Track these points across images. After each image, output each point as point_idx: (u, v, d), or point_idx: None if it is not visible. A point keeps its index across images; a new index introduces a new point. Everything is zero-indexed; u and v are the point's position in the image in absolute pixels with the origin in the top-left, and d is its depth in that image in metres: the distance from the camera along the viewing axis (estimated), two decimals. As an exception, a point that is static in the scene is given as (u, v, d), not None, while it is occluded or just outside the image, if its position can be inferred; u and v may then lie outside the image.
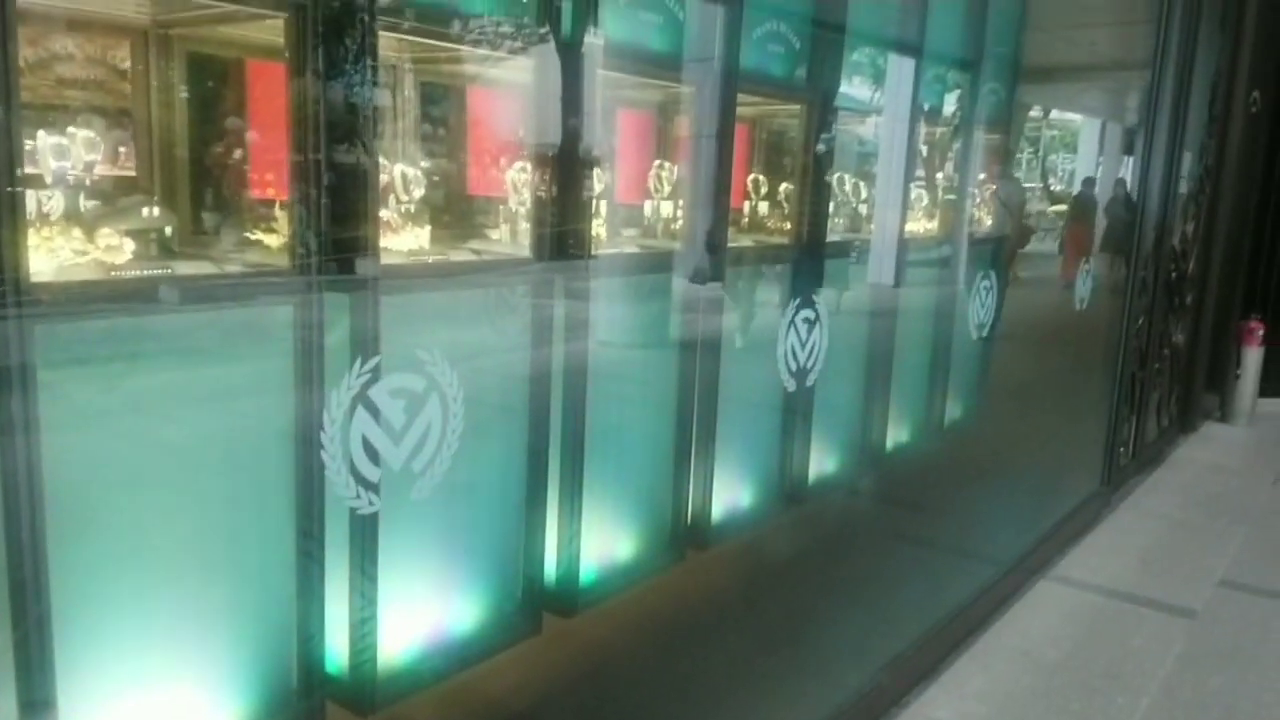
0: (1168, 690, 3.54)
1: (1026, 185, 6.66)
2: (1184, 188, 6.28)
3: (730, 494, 3.61)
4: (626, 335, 3.31)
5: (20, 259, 1.62)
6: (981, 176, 5.10)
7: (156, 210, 2.08)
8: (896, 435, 4.61)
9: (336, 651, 2.18)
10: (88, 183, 1.97)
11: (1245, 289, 7.65)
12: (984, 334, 4.58)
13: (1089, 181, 6.73)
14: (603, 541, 3.07)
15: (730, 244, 3.49)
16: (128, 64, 2.13)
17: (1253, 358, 7.32)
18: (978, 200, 5.08)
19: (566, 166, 2.72)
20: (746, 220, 3.92)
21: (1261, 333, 7.30)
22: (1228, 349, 7.37)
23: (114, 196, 2.08)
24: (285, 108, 2.01)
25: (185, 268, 2.02)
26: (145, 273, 1.93)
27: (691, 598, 3.27)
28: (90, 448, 1.79)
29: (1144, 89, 5.44)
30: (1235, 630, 4.05)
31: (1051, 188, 8.15)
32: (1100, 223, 6.52)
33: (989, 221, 5.16)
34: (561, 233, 2.75)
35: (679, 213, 3.45)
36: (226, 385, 1.99)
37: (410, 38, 2.48)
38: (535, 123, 2.77)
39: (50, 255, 1.82)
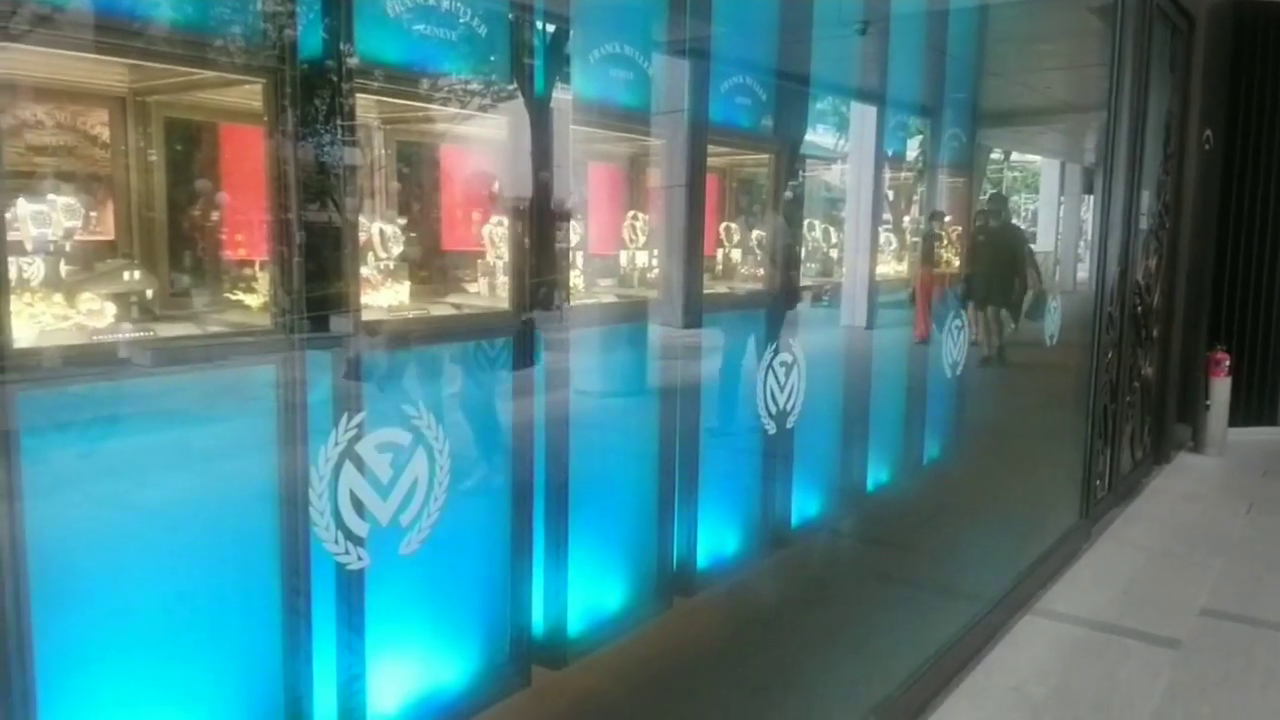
0: (1157, 721, 3.55)
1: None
2: (1144, 224, 6.43)
3: (715, 539, 3.61)
4: (606, 383, 3.33)
5: (3, 326, 1.62)
6: (948, 219, 5.20)
7: (137, 274, 2.09)
8: (877, 475, 4.64)
9: (325, 711, 2.15)
10: (68, 248, 1.98)
11: (1210, 321, 7.81)
12: (958, 372, 4.64)
13: (937, 216, 5.44)
14: (590, 592, 3.06)
15: (705, 290, 3.54)
16: (107, 131, 2.16)
17: (1221, 388, 7.44)
18: (945, 242, 5.19)
19: (541, 220, 2.76)
20: (720, 267, 3.98)
21: (1227, 364, 7.43)
22: (1197, 380, 7.49)
23: (94, 261, 2.09)
24: (262, 170, 2.03)
25: (167, 330, 2.02)
26: (127, 336, 1.94)
27: (680, 645, 3.25)
28: (74, 513, 1.78)
29: (1100, 130, 5.59)
30: (1220, 659, 4.07)
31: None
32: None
33: (956, 263, 5.26)
34: (539, 285, 2.78)
35: (654, 262, 3.50)
36: (211, 445, 1.99)
37: (383, 98, 2.52)
38: (509, 178, 2.81)
39: (32, 321, 1.83)
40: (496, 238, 2.81)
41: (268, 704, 2.07)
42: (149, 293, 2.10)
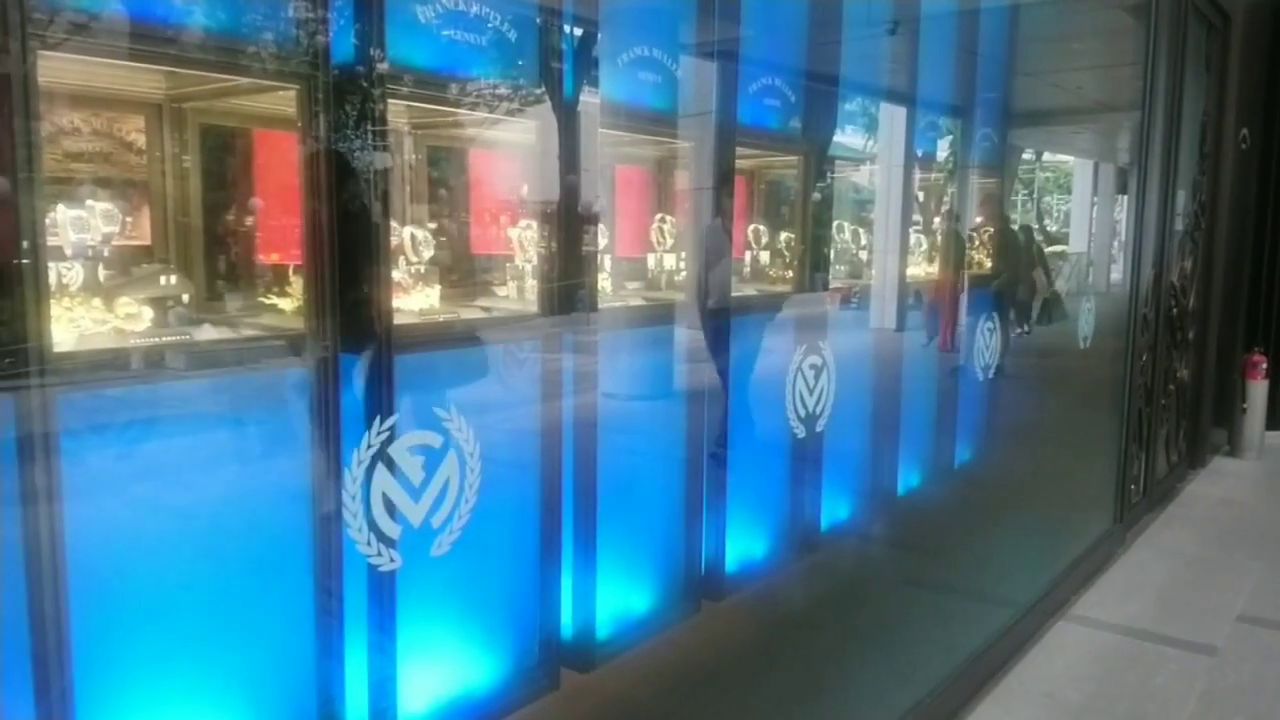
0: (1193, 729, 3.50)
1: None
2: (1179, 225, 6.34)
3: (744, 543, 3.60)
4: (634, 387, 3.33)
5: (43, 330, 1.65)
6: (979, 220, 5.16)
7: (173, 278, 2.12)
8: (907, 478, 4.61)
9: (356, 712, 2.17)
10: (105, 253, 2.01)
11: (1246, 323, 7.69)
12: (989, 375, 4.60)
13: (951, 217, 4.96)
14: (618, 595, 3.06)
15: (734, 294, 3.53)
16: (143, 137, 2.19)
17: (1258, 391, 7.32)
18: (975, 243, 5.14)
19: (569, 223, 2.77)
20: (749, 270, 3.97)
21: (1265, 366, 7.31)
22: (1233, 383, 7.37)
23: (131, 266, 2.12)
24: (295, 175, 2.05)
25: (202, 333, 2.05)
26: (163, 340, 1.97)
27: (708, 649, 3.24)
28: (111, 514, 1.81)
29: (1134, 130, 5.52)
30: (1257, 666, 4.00)
31: (1047, 228, 8.23)
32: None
33: (988, 264, 5.21)
34: (567, 288, 2.79)
35: (682, 265, 3.50)
36: (246, 448, 2.01)
37: (414, 103, 2.54)
38: (537, 181, 2.82)
39: (71, 325, 1.86)
40: (525, 241, 2.83)
41: (300, 704, 2.09)
42: (185, 297, 2.13)
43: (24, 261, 1.61)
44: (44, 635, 1.65)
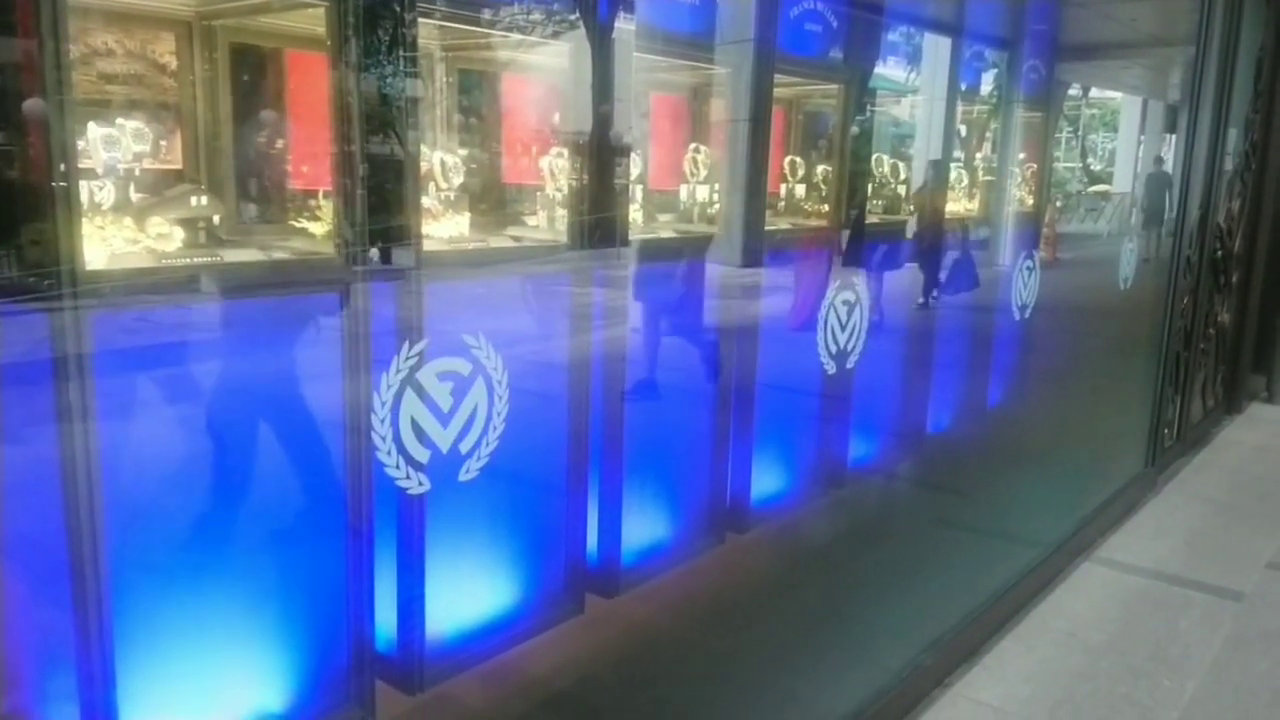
0: (1215, 673, 3.50)
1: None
2: (1229, 165, 6.15)
3: (770, 477, 3.61)
4: (663, 320, 3.31)
5: (76, 248, 1.66)
6: (1021, 156, 5.03)
7: (204, 199, 2.12)
8: (938, 417, 4.58)
9: (385, 630, 2.22)
10: (137, 173, 2.01)
11: (1293, 267, 7.49)
12: (1026, 315, 4.53)
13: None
14: (643, 524, 3.08)
15: (767, 227, 3.48)
16: (175, 60, 2.17)
17: (1301, 338, 7.17)
18: (1019, 180, 5.02)
19: (601, 152, 2.73)
20: (783, 204, 3.91)
21: (1310, 312, 7.14)
22: (1275, 328, 7.22)
23: (161, 187, 2.12)
24: (325, 97, 2.03)
25: (233, 255, 2.05)
26: (195, 260, 1.97)
27: (731, 579, 3.28)
28: (143, 432, 1.84)
29: (1187, 65, 5.33)
30: (1285, 613, 3.99)
31: (1091, 167, 8.02)
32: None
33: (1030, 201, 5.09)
34: (598, 219, 2.76)
35: (715, 197, 3.44)
36: (277, 370, 2.03)
37: (445, 24, 2.50)
38: (569, 109, 2.78)
39: (103, 244, 1.86)
40: (556, 170, 2.79)
41: (330, 623, 2.14)
42: (216, 218, 2.12)
43: (60, 184, 1.62)
44: (80, 549, 1.69)
